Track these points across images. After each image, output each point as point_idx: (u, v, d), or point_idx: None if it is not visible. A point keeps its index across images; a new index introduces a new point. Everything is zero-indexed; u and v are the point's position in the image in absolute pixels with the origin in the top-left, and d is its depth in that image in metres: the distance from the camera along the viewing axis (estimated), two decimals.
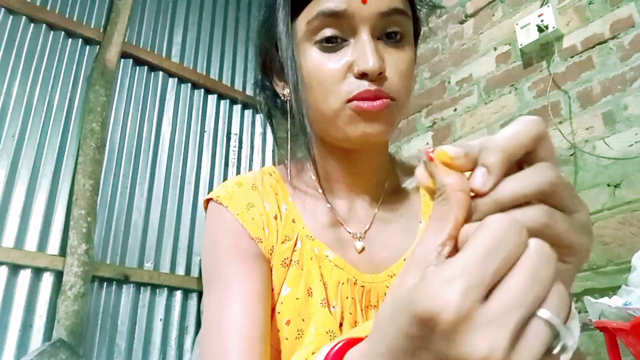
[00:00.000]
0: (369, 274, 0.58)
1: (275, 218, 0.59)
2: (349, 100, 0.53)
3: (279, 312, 0.55)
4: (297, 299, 0.55)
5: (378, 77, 0.53)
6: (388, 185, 0.64)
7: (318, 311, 0.54)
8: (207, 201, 0.61)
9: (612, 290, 1.43)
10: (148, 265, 2.44)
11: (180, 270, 2.53)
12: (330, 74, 0.53)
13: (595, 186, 1.67)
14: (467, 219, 0.26)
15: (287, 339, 0.53)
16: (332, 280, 0.56)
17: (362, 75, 0.52)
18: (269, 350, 0.52)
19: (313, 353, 0.45)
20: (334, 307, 0.56)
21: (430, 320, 0.23)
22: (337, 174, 0.62)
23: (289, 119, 0.59)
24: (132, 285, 2.35)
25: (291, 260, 0.57)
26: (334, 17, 0.53)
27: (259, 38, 0.63)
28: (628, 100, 1.66)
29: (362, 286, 0.57)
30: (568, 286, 0.27)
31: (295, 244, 0.58)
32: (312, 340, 0.51)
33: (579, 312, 1.57)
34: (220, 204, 0.59)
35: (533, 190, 0.26)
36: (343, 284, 0.56)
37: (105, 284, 2.27)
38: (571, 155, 1.77)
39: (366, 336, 0.30)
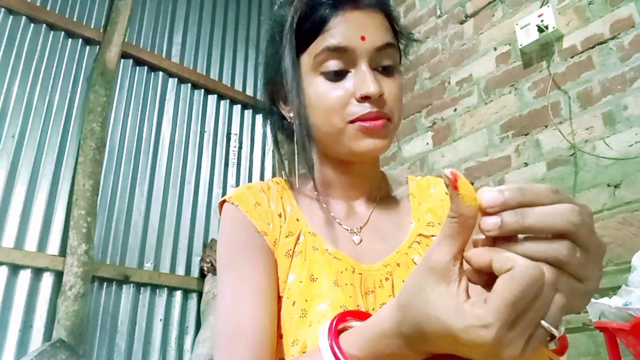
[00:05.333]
0: (366, 264, 0.65)
1: (280, 216, 0.68)
2: (352, 121, 0.62)
3: (287, 298, 0.62)
4: (301, 282, 0.62)
5: (378, 100, 0.62)
6: (381, 192, 0.74)
7: (331, 290, 0.61)
8: (222, 204, 0.70)
9: (612, 290, 1.43)
10: (148, 265, 2.44)
11: (180, 270, 2.53)
12: (335, 100, 0.62)
13: (595, 186, 1.67)
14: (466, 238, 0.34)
15: (292, 318, 0.60)
16: (333, 269, 0.63)
17: (364, 99, 0.61)
18: (276, 332, 0.60)
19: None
20: None
21: (468, 343, 0.33)
22: (336, 182, 0.72)
23: (295, 138, 0.68)
24: (132, 285, 2.35)
25: (294, 251, 0.65)
26: (337, 51, 0.62)
27: (265, 71, 0.72)
28: (628, 101, 1.66)
29: (360, 274, 0.64)
30: (583, 301, 0.35)
31: (298, 238, 0.66)
32: (326, 314, 0.58)
33: (580, 313, 1.57)
34: (232, 203, 0.68)
35: (557, 228, 0.32)
36: (342, 272, 0.63)
37: (105, 284, 2.28)
38: (571, 155, 1.77)
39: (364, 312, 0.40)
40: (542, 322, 0.32)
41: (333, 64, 0.63)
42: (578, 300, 0.35)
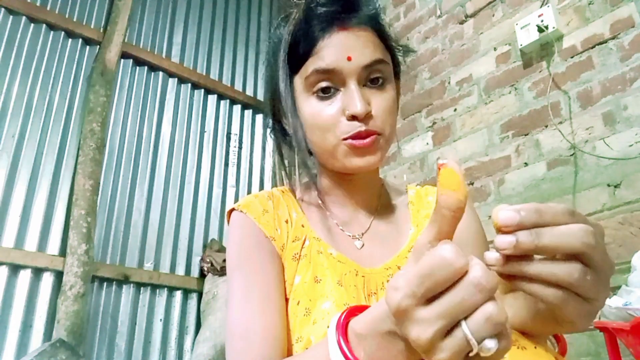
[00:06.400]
0: (368, 268, 0.68)
1: (287, 222, 0.71)
2: (344, 139, 0.65)
3: (293, 299, 0.65)
4: (305, 282, 0.65)
5: (366, 118, 0.64)
6: (381, 199, 0.78)
7: (335, 289, 0.63)
8: (230, 213, 0.73)
9: (612, 290, 1.43)
10: (148, 265, 2.44)
11: (180, 270, 2.53)
12: (326, 119, 0.65)
13: (595, 186, 1.67)
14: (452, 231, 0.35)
15: (297, 316, 0.63)
16: (337, 271, 0.66)
17: (353, 118, 0.64)
18: (285, 331, 0.63)
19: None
20: None
21: (389, 309, 0.35)
22: (338, 191, 0.75)
23: (296, 155, 0.72)
24: (132, 285, 2.35)
25: (300, 255, 0.68)
26: (325, 73, 0.65)
27: (266, 89, 0.76)
28: (628, 101, 1.66)
29: (363, 276, 0.66)
30: (588, 320, 0.36)
31: (304, 243, 0.70)
32: (330, 312, 0.61)
33: None
34: (241, 211, 0.70)
35: (571, 249, 0.33)
36: (346, 274, 0.66)
37: (105, 284, 2.27)
38: (571, 155, 1.77)
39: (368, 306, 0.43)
40: (463, 323, 0.31)
41: (323, 85, 0.66)
42: (584, 320, 0.36)
